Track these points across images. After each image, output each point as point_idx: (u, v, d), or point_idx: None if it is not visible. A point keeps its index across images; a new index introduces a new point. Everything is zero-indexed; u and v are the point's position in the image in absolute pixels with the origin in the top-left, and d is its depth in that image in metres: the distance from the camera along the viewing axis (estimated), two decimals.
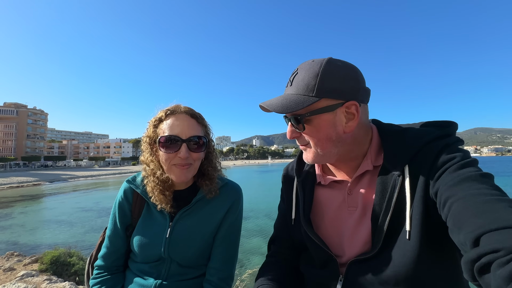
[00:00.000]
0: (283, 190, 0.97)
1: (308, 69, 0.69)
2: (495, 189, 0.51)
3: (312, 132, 0.71)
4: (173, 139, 0.92)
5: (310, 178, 0.86)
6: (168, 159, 0.94)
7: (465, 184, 0.53)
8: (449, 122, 0.72)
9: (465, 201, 0.50)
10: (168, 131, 0.94)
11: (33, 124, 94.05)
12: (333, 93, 0.68)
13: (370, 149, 0.76)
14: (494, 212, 0.45)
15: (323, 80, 0.67)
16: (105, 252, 1.03)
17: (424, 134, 0.68)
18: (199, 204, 1.04)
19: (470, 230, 0.45)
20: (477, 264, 0.41)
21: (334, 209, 0.79)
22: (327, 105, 0.68)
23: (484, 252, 0.41)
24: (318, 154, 0.73)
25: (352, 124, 0.70)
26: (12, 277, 3.94)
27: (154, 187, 0.98)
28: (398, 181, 0.66)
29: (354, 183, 0.77)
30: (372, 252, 0.67)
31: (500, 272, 0.37)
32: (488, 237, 0.42)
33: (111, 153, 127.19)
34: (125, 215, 1.04)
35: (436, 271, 0.63)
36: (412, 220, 0.62)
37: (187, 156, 0.93)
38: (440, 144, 0.64)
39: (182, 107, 1.00)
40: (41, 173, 51.51)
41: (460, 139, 0.68)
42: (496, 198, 0.48)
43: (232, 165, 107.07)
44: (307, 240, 0.80)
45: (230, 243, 1.06)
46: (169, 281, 0.97)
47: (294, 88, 0.71)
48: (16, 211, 16.47)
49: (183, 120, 0.96)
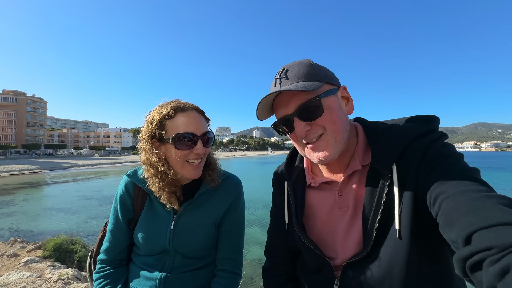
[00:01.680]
0: (274, 194, 0.97)
1: (299, 63, 0.73)
2: (483, 184, 0.53)
3: (327, 115, 0.70)
4: (190, 136, 0.93)
5: (301, 181, 0.86)
6: (182, 156, 0.94)
7: (454, 181, 0.54)
8: (432, 117, 0.73)
9: (455, 198, 0.51)
10: (182, 128, 0.93)
11: (33, 112, 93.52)
12: (330, 78, 0.73)
13: (357, 148, 0.77)
14: (484, 209, 0.46)
15: (318, 68, 0.73)
16: (107, 246, 1.04)
17: (409, 131, 0.69)
18: (203, 197, 1.05)
19: (461, 228, 0.46)
20: (469, 261, 0.42)
21: (326, 211, 0.78)
22: (330, 88, 0.72)
23: (476, 250, 0.41)
24: (333, 144, 0.71)
25: (350, 106, 0.77)
26: (16, 262, 4.02)
27: (163, 187, 0.96)
28: (386, 180, 0.66)
29: (344, 184, 0.76)
30: (364, 252, 0.67)
31: (492, 269, 0.38)
32: (479, 234, 0.43)
33: (111, 142, 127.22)
34: (127, 209, 1.05)
35: (427, 268, 0.64)
36: (401, 218, 0.63)
37: (204, 152, 0.96)
38: (426, 141, 0.65)
39: (189, 104, 0.99)
40: (42, 161, 51.71)
41: (444, 134, 0.68)
42: (485, 194, 0.49)
43: (232, 156, 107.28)
44: (300, 245, 0.80)
45: (236, 234, 1.10)
46: (174, 272, 0.99)
47: (294, 79, 0.70)
48: (18, 198, 16.64)
49: (195, 117, 0.97)
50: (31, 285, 3.09)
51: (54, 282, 3.21)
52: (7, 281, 3.19)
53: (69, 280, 3.29)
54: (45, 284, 3.15)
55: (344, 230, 0.74)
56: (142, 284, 0.98)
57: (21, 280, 3.22)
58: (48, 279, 3.29)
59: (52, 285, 3.13)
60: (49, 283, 3.17)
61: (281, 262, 0.93)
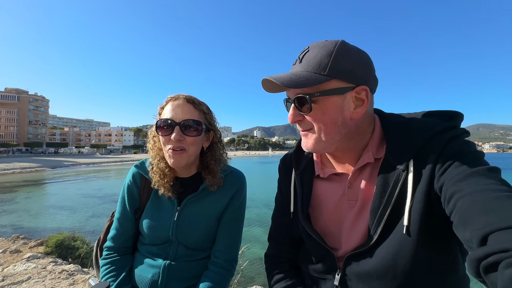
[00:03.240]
0: (280, 181, 0.94)
1: (322, 47, 0.66)
2: (503, 184, 0.50)
3: (317, 115, 0.67)
4: (168, 122, 0.96)
5: (309, 170, 0.83)
6: (164, 143, 0.98)
7: (472, 179, 0.52)
8: (455, 112, 0.69)
9: (472, 197, 0.48)
10: (165, 115, 0.98)
11: (35, 110, 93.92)
12: (345, 74, 0.65)
13: (372, 140, 0.73)
14: (503, 209, 0.43)
15: (337, 59, 0.64)
16: (114, 234, 1.07)
17: (430, 126, 0.65)
18: (205, 191, 1.07)
19: (477, 227, 0.44)
20: (484, 262, 0.41)
21: (334, 203, 0.77)
22: (338, 86, 0.65)
23: (492, 251, 0.40)
24: (320, 141, 0.70)
25: (360, 111, 0.67)
26: (19, 258, 4.06)
27: (154, 173, 1.03)
28: (401, 176, 0.63)
29: (355, 176, 0.74)
30: (368, 245, 0.66)
31: (508, 271, 0.37)
32: (496, 235, 0.41)
33: (113, 141, 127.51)
34: (134, 198, 1.08)
35: (433, 265, 0.63)
36: (411, 214, 0.61)
37: (179, 138, 0.95)
38: (446, 137, 0.61)
39: (182, 94, 1.02)
40: (44, 159, 51.92)
41: (466, 131, 0.65)
42: (505, 194, 0.46)
43: (233, 156, 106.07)
44: (304, 234, 0.79)
45: (234, 228, 1.10)
46: (177, 261, 1.02)
47: (304, 65, 0.67)
48: (20, 196, 16.72)
49: (179, 105, 0.99)
50: (36, 276, 3.13)
51: (58, 273, 3.26)
52: (13, 272, 3.24)
53: (72, 272, 3.33)
54: (50, 275, 3.19)
55: (351, 223, 0.73)
56: (146, 271, 1.01)
57: (26, 271, 3.27)
58: (52, 270, 3.34)
59: (56, 276, 3.17)
60: (53, 274, 3.22)
61: (285, 250, 0.92)
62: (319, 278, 0.79)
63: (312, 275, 0.82)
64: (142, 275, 1.01)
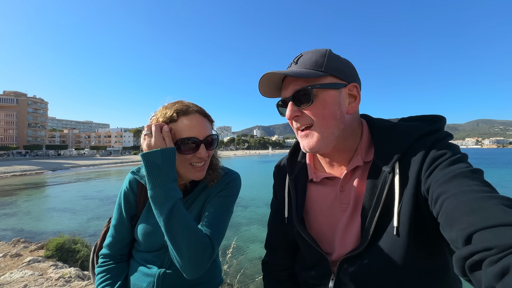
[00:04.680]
0: (275, 186, 0.96)
1: (315, 51, 0.74)
2: (486, 185, 0.52)
3: (318, 108, 0.70)
4: (192, 140, 0.93)
5: (302, 175, 0.85)
6: (186, 160, 0.95)
7: (456, 181, 0.54)
8: (438, 116, 0.72)
9: (456, 197, 0.50)
10: (185, 133, 0.93)
11: (34, 113, 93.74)
12: (339, 72, 0.71)
13: (361, 144, 0.76)
14: (486, 209, 0.45)
15: (330, 60, 0.72)
16: (110, 241, 1.06)
17: (414, 130, 0.69)
18: (199, 192, 1.05)
19: (462, 227, 0.46)
20: (469, 261, 0.42)
21: (327, 207, 0.79)
22: (334, 82, 0.71)
23: (476, 250, 0.41)
24: (321, 137, 0.71)
25: (355, 106, 0.74)
26: (19, 262, 4.06)
27: None
28: (388, 178, 0.66)
29: (346, 179, 0.77)
30: (360, 248, 0.67)
31: (491, 269, 0.38)
32: (480, 235, 0.43)
33: (112, 142, 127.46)
34: (130, 205, 1.07)
35: (424, 266, 0.64)
36: (400, 216, 0.63)
37: (207, 156, 0.96)
38: (430, 140, 0.65)
39: (192, 106, 0.98)
40: (44, 162, 51.89)
41: (449, 134, 0.68)
42: (487, 195, 0.48)
43: (233, 155, 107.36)
44: (299, 239, 0.80)
45: (219, 210, 0.97)
46: (172, 269, 1.00)
47: (301, 65, 0.72)
48: (21, 199, 16.73)
49: (198, 121, 0.96)
50: (33, 283, 3.12)
51: (55, 280, 3.24)
52: (9, 280, 3.23)
53: (70, 278, 3.32)
54: (47, 282, 3.18)
55: (344, 226, 0.74)
56: (141, 280, 1.00)
57: (23, 279, 3.26)
58: (49, 277, 3.33)
59: (53, 283, 3.16)
60: (50, 281, 3.21)
61: (282, 256, 0.93)
62: (315, 285, 0.79)
63: (308, 282, 0.82)
64: (137, 284, 1.00)
